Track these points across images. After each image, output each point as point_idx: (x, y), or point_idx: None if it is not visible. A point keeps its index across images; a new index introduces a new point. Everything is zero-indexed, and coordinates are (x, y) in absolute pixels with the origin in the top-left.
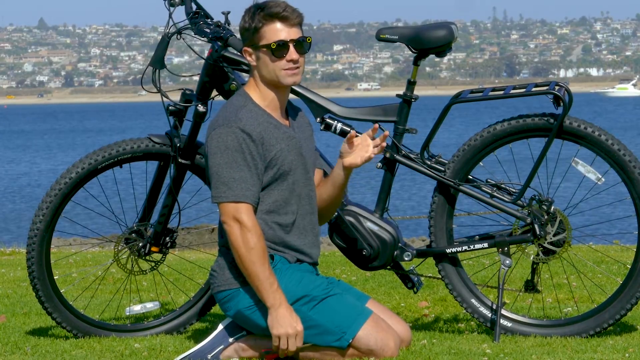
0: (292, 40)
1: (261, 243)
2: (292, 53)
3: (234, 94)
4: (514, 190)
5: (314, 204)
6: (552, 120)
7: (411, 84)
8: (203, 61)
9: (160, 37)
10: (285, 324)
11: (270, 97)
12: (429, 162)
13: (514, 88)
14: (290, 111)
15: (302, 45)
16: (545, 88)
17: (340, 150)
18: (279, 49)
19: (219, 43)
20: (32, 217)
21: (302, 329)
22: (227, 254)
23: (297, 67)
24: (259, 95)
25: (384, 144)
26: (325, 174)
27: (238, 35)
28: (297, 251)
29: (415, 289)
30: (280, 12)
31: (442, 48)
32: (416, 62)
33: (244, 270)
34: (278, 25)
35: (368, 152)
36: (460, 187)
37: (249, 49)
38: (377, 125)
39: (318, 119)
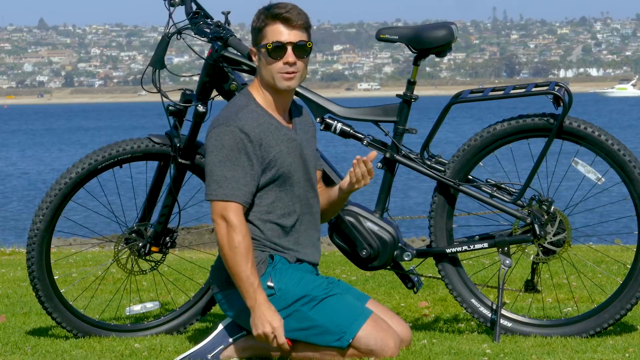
0: (290, 43)
1: (245, 242)
2: (289, 55)
3: (238, 94)
4: (514, 190)
5: (316, 205)
6: (552, 121)
7: (411, 84)
8: (203, 61)
9: (160, 37)
10: (264, 322)
11: (273, 99)
12: (428, 162)
13: (514, 88)
14: (294, 111)
15: (302, 49)
16: (545, 88)
17: (349, 176)
18: (275, 50)
19: (219, 43)
20: (32, 217)
21: (280, 324)
22: None
23: (294, 72)
24: (262, 96)
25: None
26: (325, 175)
27: (238, 35)
28: (298, 252)
29: (415, 289)
30: (282, 14)
31: (442, 48)
32: (416, 62)
33: (228, 268)
34: (280, 26)
35: (366, 179)
36: (460, 187)
37: (254, 49)
38: (374, 154)
39: (318, 119)
